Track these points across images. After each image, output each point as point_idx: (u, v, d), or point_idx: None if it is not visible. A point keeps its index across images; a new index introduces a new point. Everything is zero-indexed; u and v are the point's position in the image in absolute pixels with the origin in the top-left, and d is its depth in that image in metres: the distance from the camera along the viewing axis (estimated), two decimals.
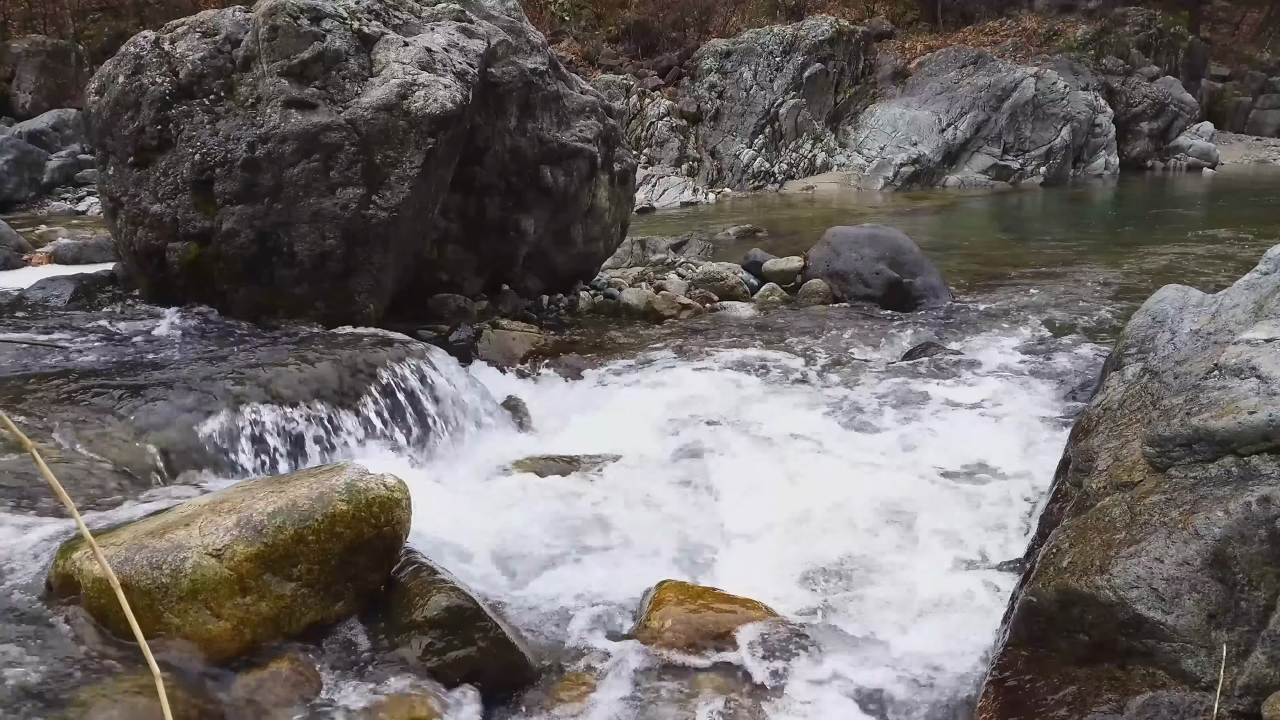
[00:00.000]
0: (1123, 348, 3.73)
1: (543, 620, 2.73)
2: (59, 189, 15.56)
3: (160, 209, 4.91)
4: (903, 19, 24.49)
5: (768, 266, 7.85)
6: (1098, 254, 10.15)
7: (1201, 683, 1.98)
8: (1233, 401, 2.34)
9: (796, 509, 3.57)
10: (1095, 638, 2.14)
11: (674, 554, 3.27)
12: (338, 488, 2.31)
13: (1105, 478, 2.58)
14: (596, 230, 6.92)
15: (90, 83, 5.32)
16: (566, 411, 4.81)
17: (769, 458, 4.19)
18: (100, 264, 6.99)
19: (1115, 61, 22.50)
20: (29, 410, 3.27)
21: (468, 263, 6.09)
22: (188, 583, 2.09)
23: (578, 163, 6.44)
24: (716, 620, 2.66)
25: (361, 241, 4.82)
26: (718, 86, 20.88)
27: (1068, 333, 6.45)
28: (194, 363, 3.95)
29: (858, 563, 3.22)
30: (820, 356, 5.72)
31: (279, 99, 4.84)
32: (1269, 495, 2.04)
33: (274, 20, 4.96)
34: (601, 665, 2.52)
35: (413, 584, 2.41)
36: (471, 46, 5.44)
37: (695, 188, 19.00)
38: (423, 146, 4.88)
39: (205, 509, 2.31)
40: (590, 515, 3.51)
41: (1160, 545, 2.13)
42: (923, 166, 19.77)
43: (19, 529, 2.50)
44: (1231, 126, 26.39)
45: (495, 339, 5.49)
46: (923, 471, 4.01)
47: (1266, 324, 2.66)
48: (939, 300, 7.29)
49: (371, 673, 2.20)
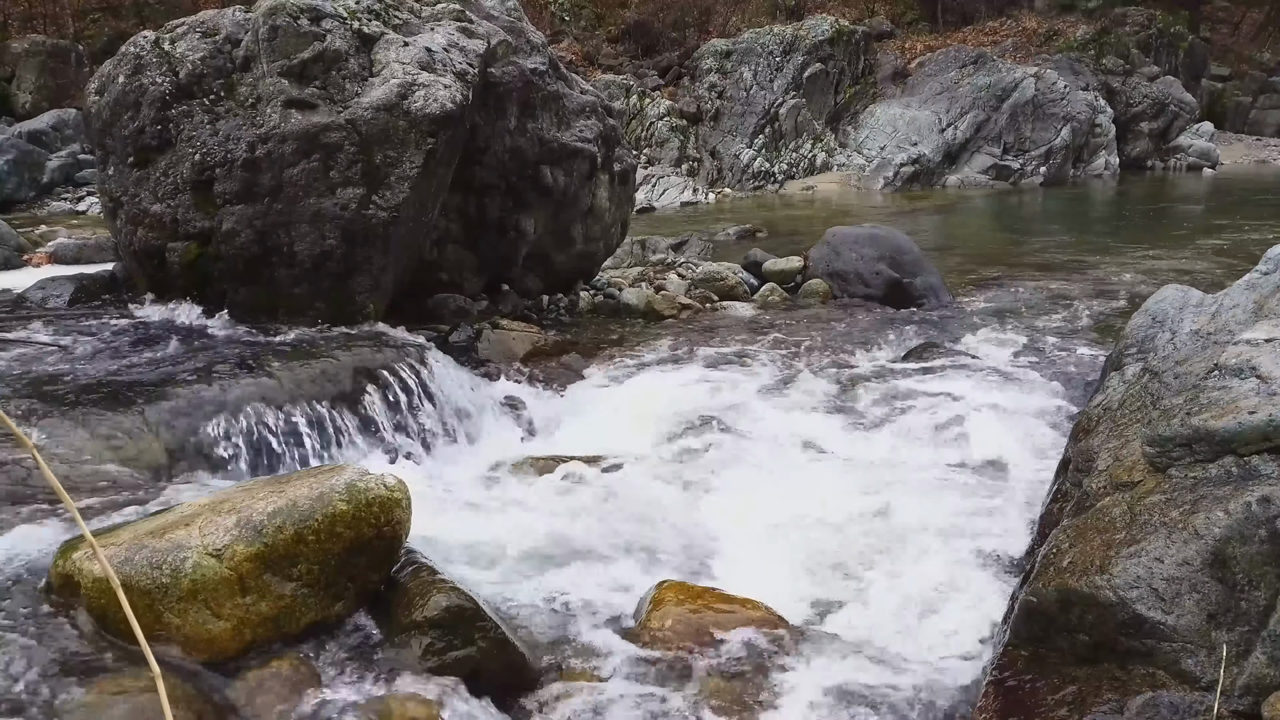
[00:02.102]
0: (1123, 348, 3.73)
1: (543, 620, 2.73)
2: (59, 189, 15.55)
3: (160, 209, 4.91)
4: (903, 19, 24.48)
5: (768, 266, 7.84)
6: (1098, 254, 10.14)
7: (1201, 683, 1.98)
8: (1233, 401, 2.35)
9: (796, 509, 3.57)
10: (1095, 638, 2.14)
11: (674, 554, 3.27)
12: (338, 488, 2.31)
13: (1105, 478, 2.58)
14: (596, 230, 6.92)
15: (90, 83, 5.32)
16: (566, 412, 4.82)
17: (769, 457, 4.19)
18: (100, 264, 6.99)
19: (1115, 61, 22.48)
20: (29, 410, 3.27)
21: (468, 263, 6.09)
22: (188, 583, 2.09)
23: (578, 163, 6.44)
24: (716, 620, 2.66)
25: (361, 241, 4.82)
26: (718, 86, 20.87)
27: (1068, 333, 6.44)
28: (194, 363, 3.95)
29: (857, 562, 3.23)
30: (820, 356, 5.72)
31: (279, 99, 4.84)
32: (1269, 495, 2.04)
33: (274, 20, 4.96)
34: (601, 665, 2.52)
35: (413, 584, 2.41)
36: (471, 46, 5.44)
37: (695, 188, 18.98)
38: (423, 146, 4.88)
39: (205, 509, 2.31)
40: (590, 515, 3.51)
41: (1160, 545, 2.13)
42: (923, 166, 19.76)
43: (19, 529, 2.51)
44: (1231, 126, 26.36)
45: (495, 339, 5.49)
46: (923, 471, 4.01)
47: (1266, 324, 2.66)
48: (939, 300, 7.29)
49: (371, 672, 2.20)
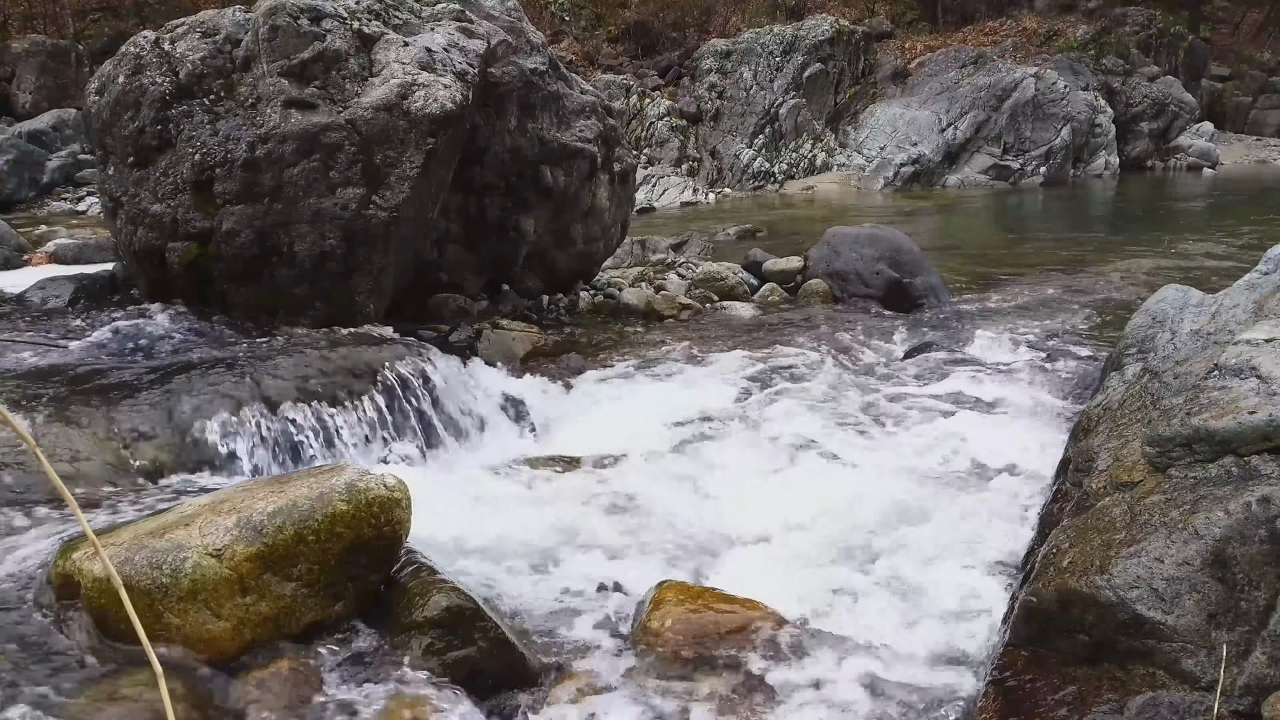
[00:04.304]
0: (1123, 348, 3.74)
1: (543, 620, 2.74)
2: (59, 189, 15.56)
3: (160, 209, 4.91)
4: (903, 19, 24.47)
5: (768, 266, 7.84)
6: (1098, 254, 10.14)
7: (1201, 683, 1.98)
8: (1233, 401, 2.35)
9: (796, 509, 3.57)
10: (1095, 638, 2.14)
11: (674, 554, 3.27)
12: (338, 488, 2.31)
13: (1105, 478, 2.58)
14: (596, 230, 6.92)
15: (90, 83, 5.32)
16: (566, 412, 4.82)
17: (769, 457, 4.19)
18: (100, 264, 6.98)
19: (1115, 61, 22.47)
20: (30, 409, 3.27)
21: (468, 263, 6.09)
22: (188, 583, 2.09)
23: (578, 163, 6.44)
24: (717, 620, 2.66)
25: (361, 241, 4.83)
26: (718, 86, 20.87)
27: (1068, 333, 6.44)
28: (194, 363, 3.95)
29: (857, 562, 3.23)
30: (820, 356, 5.72)
31: (279, 99, 4.84)
32: (1269, 495, 2.04)
33: (274, 20, 4.96)
34: (601, 665, 2.52)
35: (413, 584, 2.41)
36: (471, 46, 5.44)
37: (695, 188, 18.98)
38: (423, 146, 4.88)
39: (205, 509, 2.31)
40: (590, 515, 3.52)
41: (1160, 545, 2.13)
42: (923, 166, 19.75)
43: (19, 528, 2.51)
44: (1231, 126, 26.34)
45: (495, 339, 5.49)
46: (922, 471, 4.01)
47: (1266, 324, 2.66)
48: (939, 300, 7.28)
49: (372, 673, 2.20)
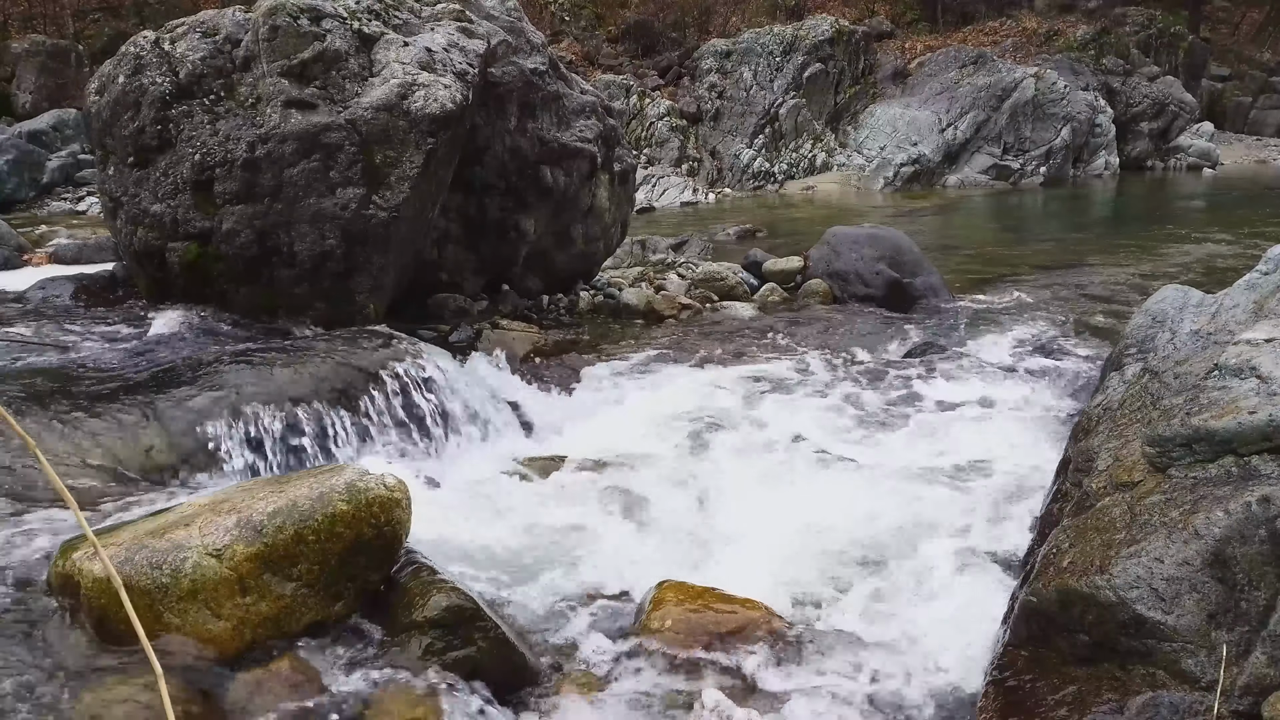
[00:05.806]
0: (1123, 348, 3.74)
1: (543, 620, 2.74)
2: (59, 189, 15.56)
3: (160, 209, 4.91)
4: (903, 19, 24.47)
5: (768, 266, 7.83)
6: (1098, 254, 10.14)
7: (1201, 683, 1.98)
8: (1233, 401, 2.34)
9: (796, 509, 3.57)
10: (1095, 638, 2.14)
11: (674, 554, 3.27)
12: (338, 488, 2.31)
13: (1105, 478, 2.58)
14: (596, 230, 6.92)
15: (90, 83, 5.32)
16: (566, 412, 4.81)
17: (769, 457, 4.19)
18: (100, 264, 6.99)
19: (1115, 61, 22.48)
20: (30, 410, 3.27)
21: (468, 263, 6.09)
22: (188, 583, 2.09)
23: (578, 163, 6.44)
24: (716, 620, 2.66)
25: (361, 241, 4.83)
26: (718, 86, 20.87)
27: (1068, 333, 6.44)
28: (194, 363, 3.95)
29: (857, 561, 3.22)
30: (820, 356, 5.72)
31: (279, 99, 4.84)
32: (1269, 495, 2.04)
33: (274, 20, 4.96)
34: (602, 664, 2.52)
35: (413, 584, 2.41)
36: (471, 46, 5.44)
37: (695, 188, 18.99)
38: (423, 146, 4.88)
39: (205, 509, 2.31)
40: (590, 515, 3.52)
41: (1160, 545, 2.13)
42: (923, 166, 19.75)
43: (19, 528, 2.51)
44: (1231, 126, 26.34)
45: (495, 339, 5.48)
46: (922, 471, 4.01)
47: (1266, 324, 2.66)
48: (939, 300, 7.28)
49: (372, 672, 2.20)
